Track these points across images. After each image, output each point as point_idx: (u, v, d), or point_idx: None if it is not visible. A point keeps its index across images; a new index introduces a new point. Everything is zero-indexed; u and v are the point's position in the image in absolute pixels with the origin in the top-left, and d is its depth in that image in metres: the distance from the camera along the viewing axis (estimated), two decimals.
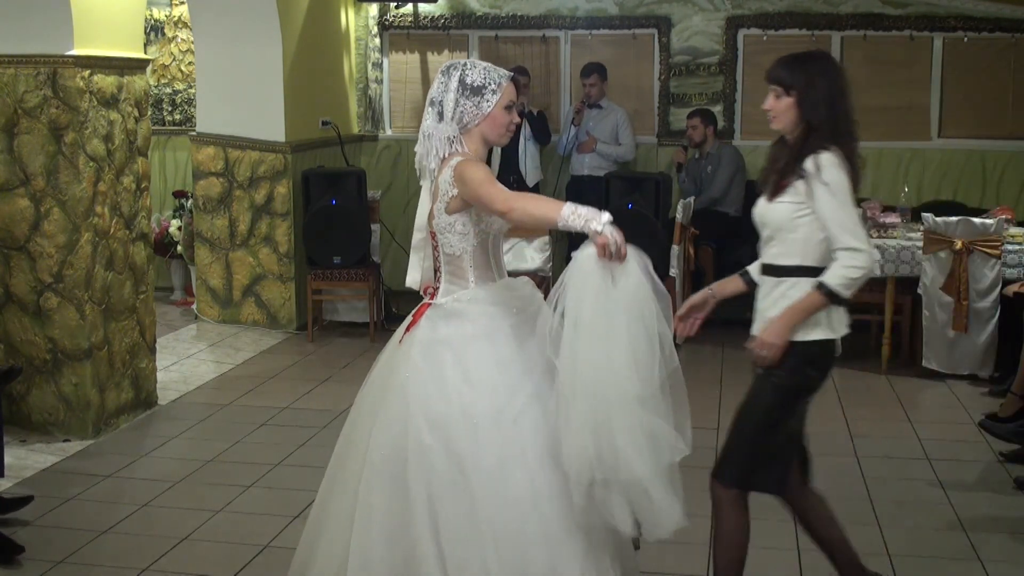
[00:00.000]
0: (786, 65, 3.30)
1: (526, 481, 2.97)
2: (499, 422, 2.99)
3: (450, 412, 3.01)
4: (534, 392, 3.04)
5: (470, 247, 3.12)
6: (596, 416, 2.88)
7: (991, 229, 6.40)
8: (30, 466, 5.02)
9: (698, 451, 5.30)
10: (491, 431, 2.99)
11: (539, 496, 2.97)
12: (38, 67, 5.24)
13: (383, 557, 3.05)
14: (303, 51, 7.90)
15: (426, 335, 3.12)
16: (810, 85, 3.25)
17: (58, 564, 4.02)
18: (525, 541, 2.96)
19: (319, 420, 5.71)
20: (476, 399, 3.01)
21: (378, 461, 3.07)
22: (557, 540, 2.97)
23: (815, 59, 3.36)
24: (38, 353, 5.41)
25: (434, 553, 2.98)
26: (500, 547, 2.95)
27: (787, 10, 8.43)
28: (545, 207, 2.93)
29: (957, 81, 8.35)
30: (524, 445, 2.99)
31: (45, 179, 5.29)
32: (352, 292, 7.79)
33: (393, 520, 3.05)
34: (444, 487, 2.99)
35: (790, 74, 3.27)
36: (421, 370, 3.07)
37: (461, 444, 2.99)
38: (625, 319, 2.88)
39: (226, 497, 4.70)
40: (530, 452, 2.99)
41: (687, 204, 7.43)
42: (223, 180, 7.78)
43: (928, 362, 6.61)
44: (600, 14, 8.70)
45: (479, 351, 3.06)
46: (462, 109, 3.10)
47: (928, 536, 4.35)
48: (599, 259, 2.84)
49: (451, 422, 3.00)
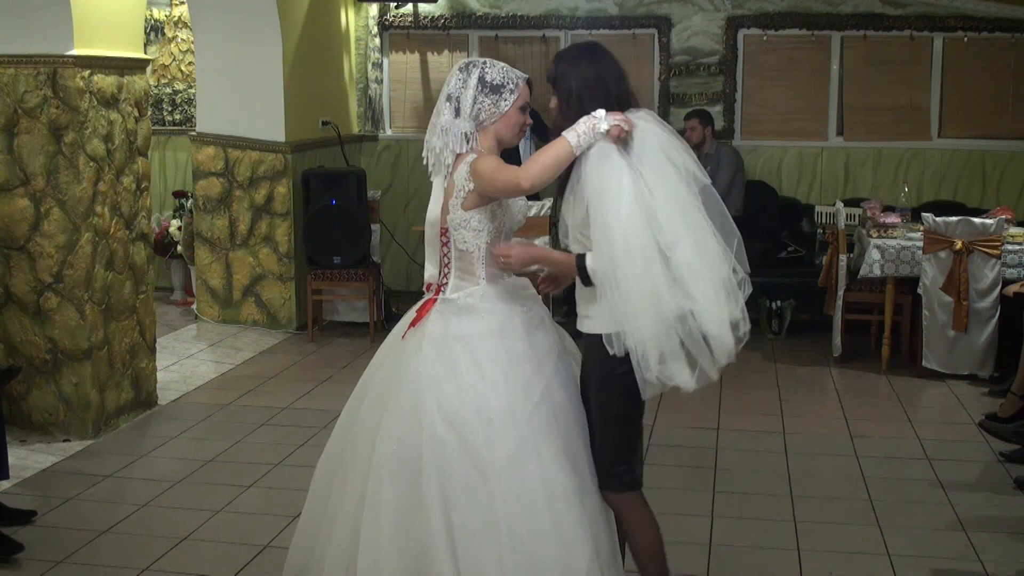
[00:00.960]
0: (551, 64, 3.19)
1: (539, 479, 2.99)
2: (513, 419, 3.01)
3: (464, 407, 3.02)
4: (545, 390, 3.06)
5: (483, 244, 3.13)
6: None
7: (991, 229, 6.40)
8: (30, 466, 5.02)
9: (698, 451, 5.35)
10: (506, 428, 3.00)
11: (552, 494, 2.99)
12: (38, 67, 5.24)
13: (394, 556, 3.04)
14: (303, 51, 7.90)
15: (438, 329, 3.12)
16: (559, 80, 3.12)
17: (58, 564, 4.02)
18: (539, 539, 2.97)
19: (319, 420, 5.71)
20: (490, 395, 3.02)
21: (388, 455, 3.07)
22: (569, 538, 2.99)
23: (564, 54, 3.18)
24: (38, 353, 5.41)
25: (447, 550, 2.98)
26: (515, 545, 2.96)
27: (787, 10, 8.44)
28: (554, 153, 2.98)
29: (957, 81, 8.36)
30: (537, 442, 3.01)
31: (45, 179, 5.29)
32: (352, 292, 7.79)
33: (405, 516, 3.04)
34: (459, 484, 2.99)
35: (550, 74, 3.17)
36: (434, 364, 3.08)
37: (476, 440, 2.99)
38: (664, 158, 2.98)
39: (226, 497, 4.70)
40: (544, 449, 3.01)
41: None
42: (223, 180, 7.78)
43: (928, 362, 6.61)
44: (600, 14, 8.71)
45: (493, 347, 3.07)
46: (480, 106, 3.13)
47: (928, 536, 4.35)
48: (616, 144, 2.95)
49: (466, 418, 3.01)
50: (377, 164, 9.10)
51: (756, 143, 8.62)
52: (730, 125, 8.58)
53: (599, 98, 3.03)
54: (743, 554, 4.17)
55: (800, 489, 4.83)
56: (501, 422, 3.00)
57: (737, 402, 6.19)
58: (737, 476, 5.02)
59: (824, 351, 7.24)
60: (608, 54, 3.12)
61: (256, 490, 4.81)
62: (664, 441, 5.47)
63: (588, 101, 3.02)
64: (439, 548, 2.98)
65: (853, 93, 8.50)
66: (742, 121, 8.63)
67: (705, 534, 4.32)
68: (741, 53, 8.55)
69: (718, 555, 4.12)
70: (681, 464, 5.21)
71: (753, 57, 8.57)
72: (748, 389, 6.46)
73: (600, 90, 3.04)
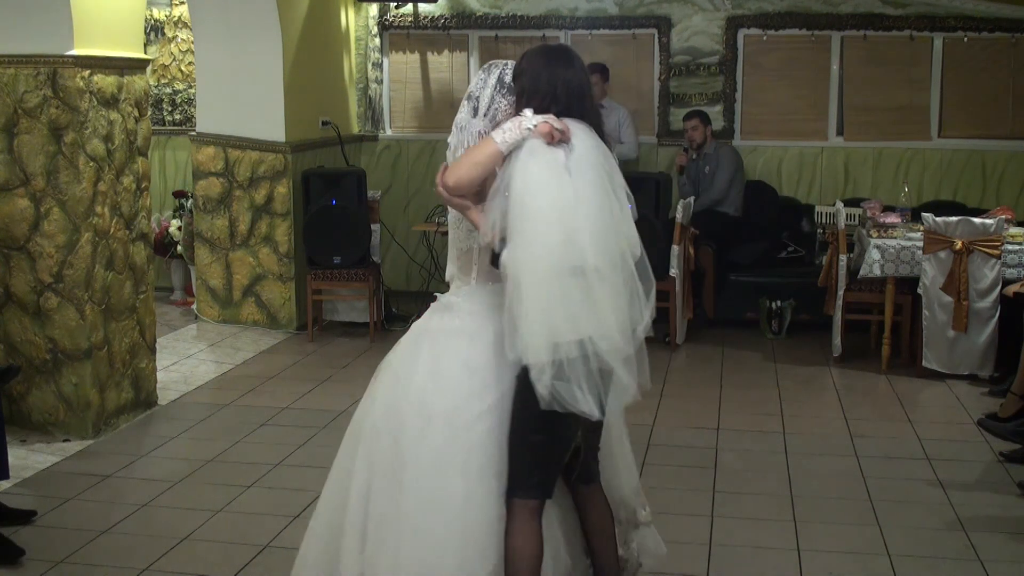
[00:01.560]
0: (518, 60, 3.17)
1: (460, 486, 2.98)
2: (451, 422, 3.01)
3: (408, 403, 3.05)
4: (496, 403, 3.02)
5: (476, 244, 3.13)
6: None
7: (991, 229, 6.41)
8: (30, 466, 5.02)
9: (698, 451, 5.35)
10: (441, 430, 3.00)
11: (470, 504, 2.98)
12: (38, 67, 5.24)
13: (323, 535, 3.19)
14: (303, 51, 7.90)
15: (421, 324, 3.18)
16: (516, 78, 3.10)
17: (58, 564, 4.02)
18: (443, 545, 2.97)
19: (319, 420, 5.71)
20: (436, 396, 3.03)
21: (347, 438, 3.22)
22: (475, 551, 2.97)
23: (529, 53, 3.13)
24: (38, 353, 5.41)
25: (358, 538, 3.05)
26: (417, 546, 2.96)
27: (787, 10, 8.44)
28: (478, 151, 2.97)
29: (957, 81, 8.35)
30: (471, 451, 3.00)
31: (45, 179, 5.29)
32: (352, 292, 7.79)
33: (338, 499, 3.15)
34: (382, 475, 3.05)
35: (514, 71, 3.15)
36: (399, 356, 3.15)
37: (408, 436, 3.02)
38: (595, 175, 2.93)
39: (226, 497, 4.70)
40: (474, 459, 2.99)
41: (687, 204, 7.43)
42: (223, 180, 7.78)
43: (928, 362, 6.61)
44: (600, 14, 8.70)
45: (456, 348, 3.07)
46: (496, 106, 3.14)
47: (928, 536, 4.35)
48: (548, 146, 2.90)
49: (406, 413, 3.04)
50: (377, 164, 9.10)
51: (756, 143, 8.62)
52: (730, 125, 8.57)
53: (546, 103, 2.98)
54: (743, 554, 4.17)
55: (800, 489, 4.83)
56: (439, 423, 3.00)
57: (737, 402, 6.19)
58: (737, 476, 5.02)
59: (824, 351, 7.25)
60: (571, 62, 3.05)
61: (256, 490, 4.81)
62: (664, 441, 5.47)
63: (535, 104, 2.99)
64: (352, 536, 3.06)
65: (853, 93, 8.50)
66: (742, 121, 8.63)
67: (705, 534, 4.32)
68: (741, 53, 8.55)
69: (718, 555, 4.12)
70: (681, 464, 5.21)
71: (753, 57, 8.56)
72: (748, 389, 6.46)
73: (548, 95, 2.99)
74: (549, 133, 2.91)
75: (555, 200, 2.87)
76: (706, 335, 7.79)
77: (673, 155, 8.48)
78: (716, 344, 7.51)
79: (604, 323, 2.88)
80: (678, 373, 6.87)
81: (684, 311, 7.49)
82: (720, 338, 7.70)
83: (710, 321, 8.00)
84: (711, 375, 6.78)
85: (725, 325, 7.99)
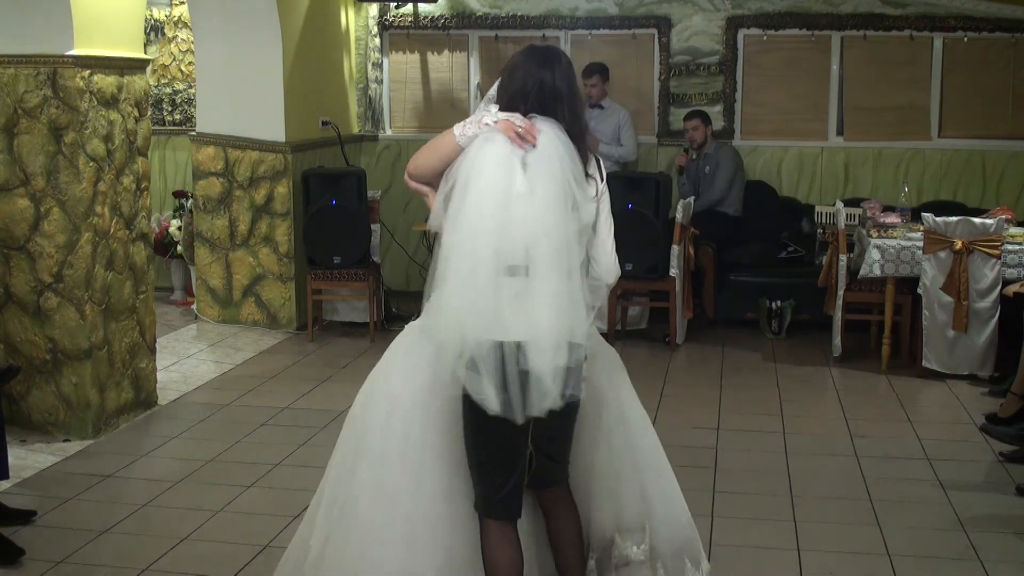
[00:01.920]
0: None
1: (409, 481, 3.02)
2: (411, 415, 3.05)
3: (375, 390, 3.13)
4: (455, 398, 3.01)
5: None
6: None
7: (991, 229, 6.41)
8: (30, 466, 5.02)
9: (698, 451, 5.35)
10: (400, 422, 3.04)
11: (417, 500, 3.01)
12: (38, 67, 5.24)
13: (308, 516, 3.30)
14: (303, 51, 7.90)
15: (415, 322, 3.22)
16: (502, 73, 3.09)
17: (58, 564, 4.02)
18: (386, 539, 2.99)
19: (319, 420, 5.71)
20: (403, 386, 3.08)
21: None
22: (421, 547, 2.99)
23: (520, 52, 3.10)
24: (38, 353, 5.41)
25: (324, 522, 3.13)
26: (365, 533, 3.01)
27: (787, 10, 8.44)
28: (436, 141, 2.99)
29: (957, 81, 8.36)
30: (425, 448, 3.03)
31: (45, 179, 5.29)
32: (352, 292, 7.79)
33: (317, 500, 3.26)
34: (345, 460, 3.14)
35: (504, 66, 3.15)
36: (389, 351, 3.22)
37: (374, 423, 3.07)
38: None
39: (226, 497, 4.70)
40: (427, 456, 3.03)
41: (687, 204, 7.43)
42: (223, 180, 7.78)
43: (928, 362, 6.61)
44: (600, 14, 8.70)
45: (425, 344, 3.07)
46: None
47: (928, 536, 4.35)
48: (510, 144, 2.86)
49: (376, 401, 3.11)
50: (377, 164, 9.10)
51: (756, 143, 8.62)
52: (730, 125, 8.57)
53: (515, 101, 2.95)
54: (743, 554, 4.17)
55: (800, 489, 4.83)
56: (399, 414, 3.05)
57: (737, 402, 6.19)
58: (737, 476, 5.02)
59: (824, 351, 7.25)
60: (553, 63, 2.98)
61: (256, 490, 4.81)
62: (664, 441, 5.41)
63: (505, 100, 2.98)
64: (320, 518, 3.16)
65: (853, 93, 8.50)
66: (742, 121, 8.63)
67: (705, 534, 4.32)
68: (741, 53, 8.55)
69: (718, 555, 4.12)
70: (681, 464, 5.17)
71: (753, 57, 8.56)
72: (748, 389, 6.46)
73: (519, 93, 2.96)
74: (508, 131, 2.86)
75: (495, 191, 2.81)
76: (706, 335, 7.79)
77: (673, 155, 8.47)
78: (716, 344, 7.51)
79: (535, 329, 2.76)
80: (678, 373, 6.87)
81: (684, 311, 7.49)
82: (720, 338, 7.70)
83: (710, 321, 8.00)
84: (711, 375, 6.78)
85: (725, 325, 7.99)
